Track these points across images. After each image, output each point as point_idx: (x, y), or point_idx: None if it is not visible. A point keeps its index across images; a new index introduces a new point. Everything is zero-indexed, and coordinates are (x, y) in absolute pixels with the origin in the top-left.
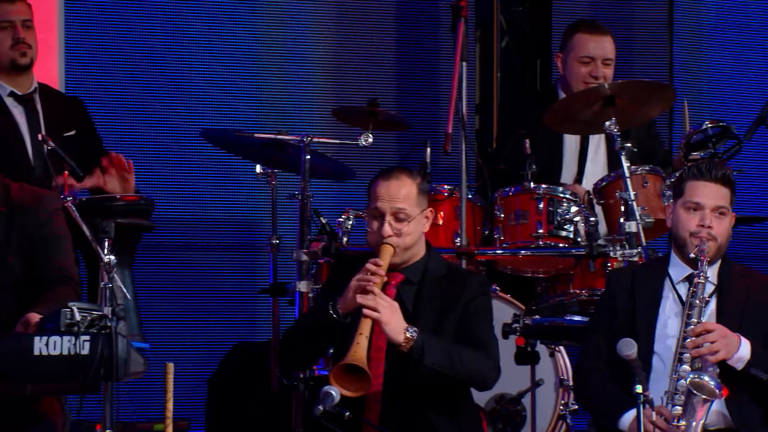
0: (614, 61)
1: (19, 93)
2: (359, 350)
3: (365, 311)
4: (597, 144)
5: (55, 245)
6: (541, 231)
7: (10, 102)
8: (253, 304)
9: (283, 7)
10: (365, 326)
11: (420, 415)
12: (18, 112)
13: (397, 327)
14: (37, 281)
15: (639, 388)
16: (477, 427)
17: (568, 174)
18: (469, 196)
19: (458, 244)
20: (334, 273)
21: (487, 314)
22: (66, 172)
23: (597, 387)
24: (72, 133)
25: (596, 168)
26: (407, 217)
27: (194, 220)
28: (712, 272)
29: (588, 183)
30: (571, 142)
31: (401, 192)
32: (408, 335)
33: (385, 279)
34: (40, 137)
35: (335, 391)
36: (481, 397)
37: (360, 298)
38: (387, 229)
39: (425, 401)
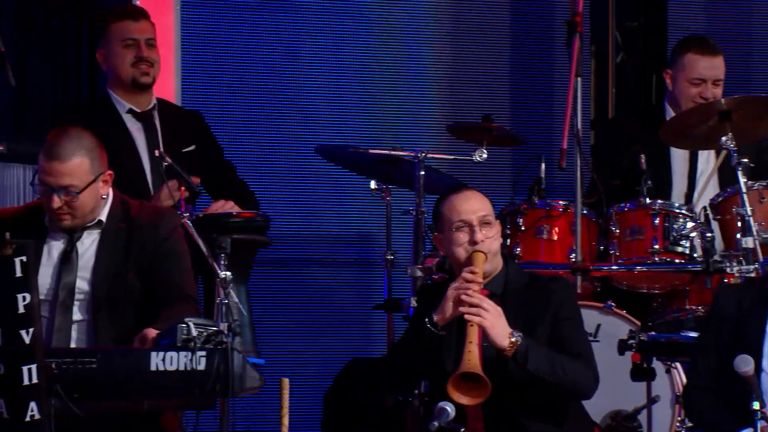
0: (724, 80)
1: (138, 110)
2: (472, 358)
3: (468, 317)
4: (706, 159)
5: (174, 262)
6: (656, 247)
7: (128, 119)
8: (367, 320)
9: (398, 24)
10: (472, 334)
11: (524, 428)
12: (136, 129)
13: (502, 331)
14: (155, 298)
15: (756, 405)
16: None
17: (678, 190)
18: (584, 212)
19: (573, 259)
20: (431, 288)
21: (578, 319)
22: (183, 188)
23: (708, 406)
24: (191, 148)
25: (706, 184)
26: (491, 223)
27: (309, 236)
28: None
29: (699, 199)
30: (679, 159)
31: (480, 202)
32: (513, 339)
33: (481, 287)
34: (157, 153)
35: (450, 407)
36: (597, 414)
37: (462, 307)
38: (479, 236)
39: (528, 411)
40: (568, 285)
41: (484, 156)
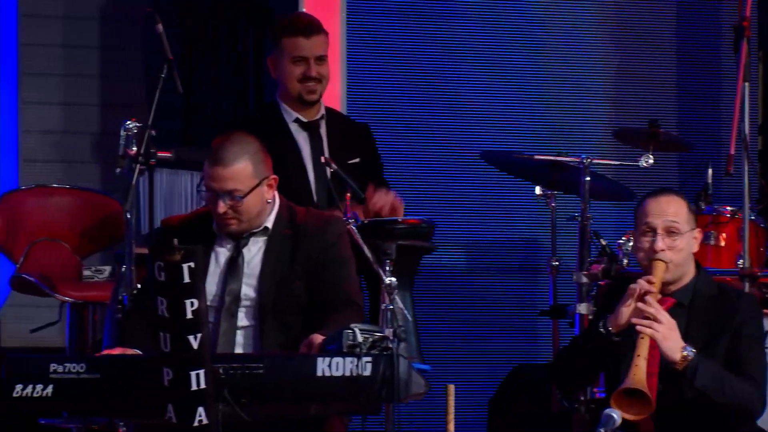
0: None
1: (305, 120)
2: (638, 372)
3: (640, 329)
4: None
5: (339, 269)
6: None
7: (294, 128)
8: (533, 326)
9: (564, 30)
10: (642, 347)
11: None
12: (302, 138)
13: (674, 345)
14: (321, 304)
15: None
16: None
17: None
18: (752, 218)
19: (741, 266)
20: (609, 294)
21: (760, 339)
22: (348, 195)
23: None
24: (356, 160)
25: None
26: (678, 231)
27: (474, 242)
28: None
29: None
30: None
31: (671, 207)
32: (684, 354)
33: (659, 296)
34: (322, 159)
35: (617, 414)
36: None
37: (636, 317)
38: (660, 244)
39: (701, 427)
40: (756, 302)
41: (651, 162)
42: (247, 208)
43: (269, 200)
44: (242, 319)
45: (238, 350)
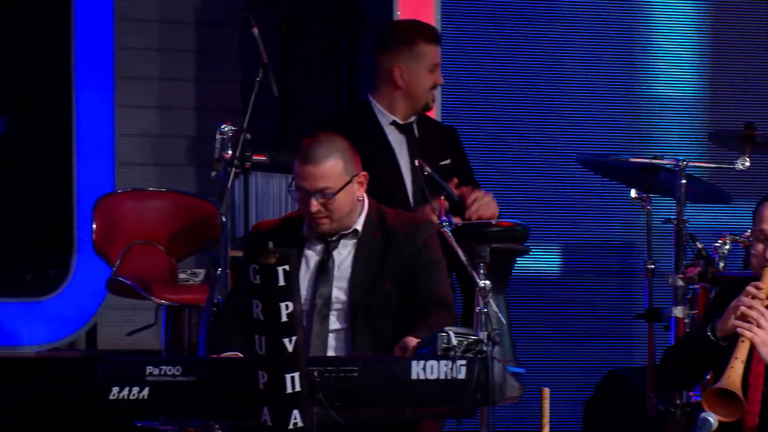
0: None
1: (401, 122)
2: (733, 374)
3: (741, 331)
4: None
5: (430, 270)
6: None
7: (390, 130)
8: (628, 330)
9: (657, 33)
10: (740, 350)
11: None
12: (397, 140)
13: None
14: (413, 306)
15: None
16: None
17: None
18: None
19: None
20: (718, 298)
21: None
22: (442, 198)
23: None
24: (447, 162)
25: None
26: None
27: (568, 245)
28: None
29: None
30: None
31: None
32: None
33: (766, 302)
34: (417, 163)
35: (713, 418)
36: None
37: (737, 321)
38: None
39: None
40: None
41: (747, 164)
42: (339, 206)
43: (360, 198)
44: (334, 323)
45: (330, 353)
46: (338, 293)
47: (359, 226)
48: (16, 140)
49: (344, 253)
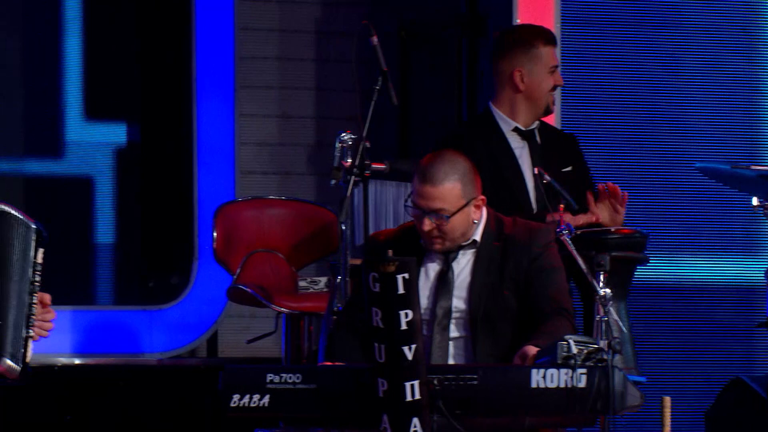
0: None
1: (523, 128)
2: None
3: None
4: None
5: (549, 277)
6: None
7: (512, 137)
8: (749, 338)
9: None
10: None
11: None
12: (520, 147)
13: None
14: (532, 313)
15: None
16: None
17: None
18: None
19: None
20: None
21: None
22: (561, 206)
23: None
24: (569, 169)
25: None
26: None
27: (688, 253)
28: None
29: None
30: None
31: None
32: None
33: None
34: (536, 170)
35: None
36: None
37: None
38: None
39: None
40: None
41: None
42: (452, 228)
43: (476, 221)
44: (453, 331)
45: (451, 361)
46: (458, 303)
47: (478, 237)
48: (138, 149)
49: (463, 263)
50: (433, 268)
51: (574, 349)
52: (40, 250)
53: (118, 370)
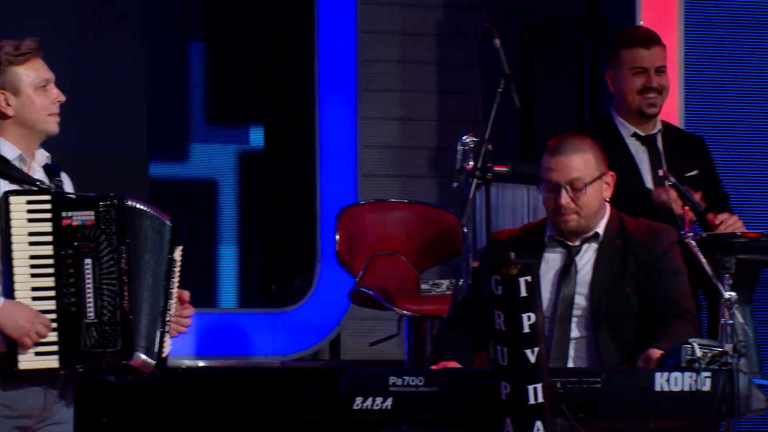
0: None
1: (642, 134)
2: None
3: None
4: None
5: (670, 279)
6: None
7: (631, 142)
8: None
9: None
10: None
11: None
12: (640, 152)
13: None
14: (653, 315)
15: None
16: None
17: None
18: None
19: None
20: None
21: None
22: (686, 208)
23: None
24: (694, 173)
25: None
26: None
27: None
28: None
29: None
30: None
31: None
32: None
33: None
34: (661, 173)
35: None
36: None
37: None
38: None
39: None
40: None
41: None
42: (588, 200)
43: (606, 198)
44: (575, 330)
45: (571, 362)
46: (579, 299)
47: (600, 230)
48: (261, 152)
49: (586, 258)
50: (554, 262)
51: (698, 353)
52: (178, 247)
53: (241, 373)
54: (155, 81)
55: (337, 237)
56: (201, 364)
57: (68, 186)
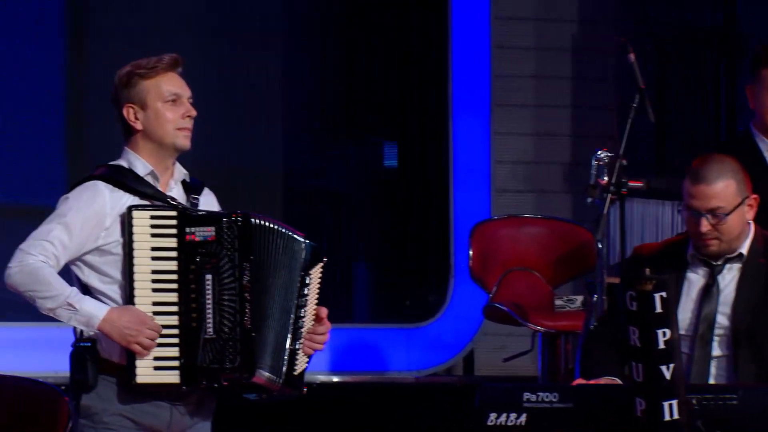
0: None
1: None
2: None
3: None
4: None
5: None
6: None
7: None
8: None
9: None
10: None
11: None
12: None
13: None
14: None
15: None
16: None
17: None
18: None
19: None
20: None
21: None
22: None
23: None
24: None
25: None
26: None
27: None
28: None
29: None
30: None
31: None
32: None
33: None
34: None
35: None
36: None
37: None
38: None
39: None
40: None
41: None
42: (729, 227)
43: (749, 221)
44: (715, 349)
45: (712, 380)
46: (721, 318)
47: (744, 250)
48: (395, 167)
49: (728, 278)
50: (697, 282)
51: None
52: (317, 265)
53: (375, 388)
54: (290, 95)
55: (471, 252)
56: (335, 379)
57: (209, 202)
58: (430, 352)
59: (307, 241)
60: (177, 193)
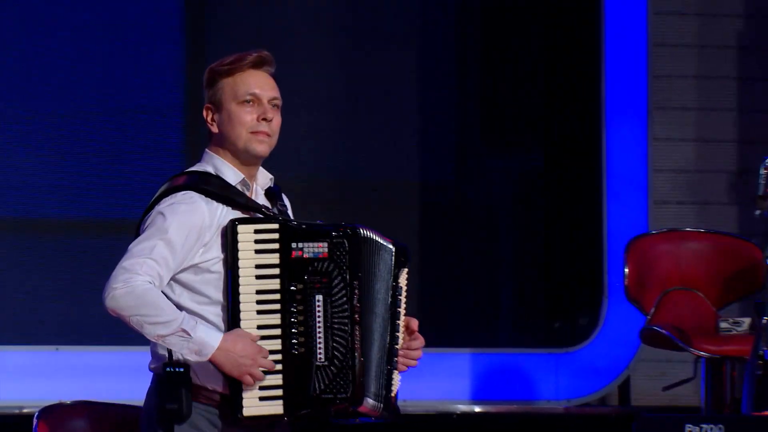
0: None
1: None
2: None
3: None
4: None
5: None
6: None
7: None
8: None
9: None
10: None
11: None
12: None
13: None
14: None
15: None
16: None
17: None
18: None
19: None
20: None
21: None
22: None
23: None
24: None
25: None
26: None
27: None
28: None
29: None
30: None
31: None
32: None
33: None
34: None
35: None
36: None
37: None
38: None
39: None
40: None
41: None
42: None
43: None
44: None
45: None
46: None
47: None
48: (541, 176)
49: None
50: None
51: None
52: (403, 271)
53: (522, 419)
54: (425, 98)
55: (627, 270)
56: (477, 409)
57: (290, 211)
58: (582, 379)
59: (392, 246)
60: (263, 201)
